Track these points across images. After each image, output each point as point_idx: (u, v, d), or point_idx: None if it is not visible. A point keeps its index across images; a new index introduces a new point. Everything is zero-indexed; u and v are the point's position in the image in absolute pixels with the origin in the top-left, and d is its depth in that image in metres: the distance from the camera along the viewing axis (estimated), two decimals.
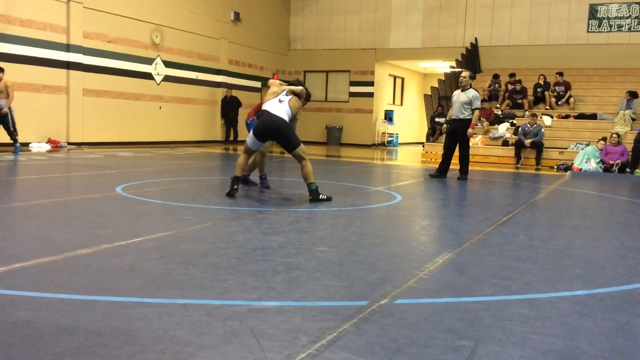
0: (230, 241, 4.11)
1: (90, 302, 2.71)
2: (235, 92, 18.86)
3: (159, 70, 16.52)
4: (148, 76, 16.20)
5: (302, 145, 6.29)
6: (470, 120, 9.56)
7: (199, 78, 17.97)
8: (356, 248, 4.15)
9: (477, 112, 9.65)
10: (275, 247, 3.99)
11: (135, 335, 2.32)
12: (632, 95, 14.62)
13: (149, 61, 16.15)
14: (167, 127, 16.85)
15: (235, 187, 6.36)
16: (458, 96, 9.70)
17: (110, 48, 14.91)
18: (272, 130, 6.24)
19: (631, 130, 13.86)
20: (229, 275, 3.24)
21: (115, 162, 10.56)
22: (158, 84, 16.55)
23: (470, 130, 9.60)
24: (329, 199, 6.28)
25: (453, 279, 3.40)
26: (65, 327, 2.37)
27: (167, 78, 16.79)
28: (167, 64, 16.77)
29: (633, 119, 14.35)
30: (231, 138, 18.75)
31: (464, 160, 9.76)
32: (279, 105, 6.32)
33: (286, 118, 6.26)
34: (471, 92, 9.60)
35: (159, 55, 16.45)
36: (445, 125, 10.22)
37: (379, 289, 3.10)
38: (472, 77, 10.03)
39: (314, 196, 6.22)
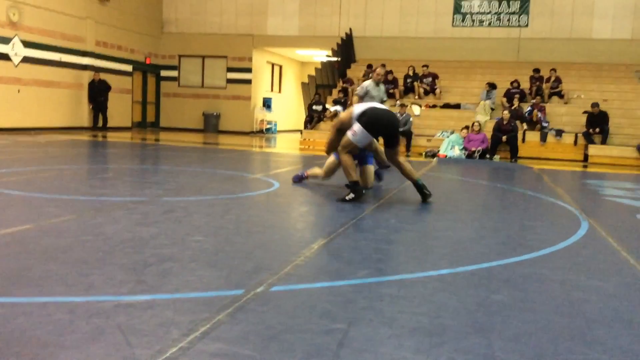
0: (97, 233, 3.88)
1: None
2: (104, 76, 17.82)
3: (17, 50, 15.18)
4: (4, 57, 14.83)
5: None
6: None
7: (63, 60, 16.76)
8: (233, 236, 4.10)
9: (386, 104, 9.80)
10: (147, 238, 3.82)
11: None
12: (492, 86, 15.78)
13: (5, 41, 14.78)
14: (27, 112, 15.56)
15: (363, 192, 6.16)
16: (377, 90, 9.51)
17: None
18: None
19: (490, 119, 14.96)
20: (95, 269, 3.06)
21: None
22: (16, 66, 15.21)
23: None
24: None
25: (328, 264, 3.47)
26: None
27: (26, 59, 15.46)
28: (27, 44, 15.44)
29: (492, 109, 15.49)
30: (100, 124, 17.72)
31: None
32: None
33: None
34: (383, 86, 9.61)
35: (16, 35, 15.10)
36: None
37: (256, 277, 3.07)
38: None
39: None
